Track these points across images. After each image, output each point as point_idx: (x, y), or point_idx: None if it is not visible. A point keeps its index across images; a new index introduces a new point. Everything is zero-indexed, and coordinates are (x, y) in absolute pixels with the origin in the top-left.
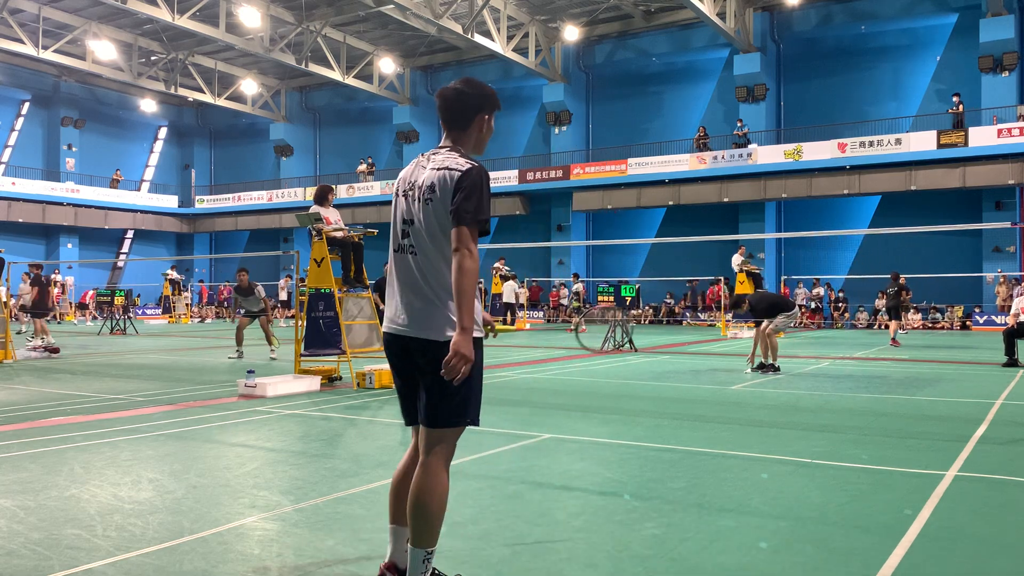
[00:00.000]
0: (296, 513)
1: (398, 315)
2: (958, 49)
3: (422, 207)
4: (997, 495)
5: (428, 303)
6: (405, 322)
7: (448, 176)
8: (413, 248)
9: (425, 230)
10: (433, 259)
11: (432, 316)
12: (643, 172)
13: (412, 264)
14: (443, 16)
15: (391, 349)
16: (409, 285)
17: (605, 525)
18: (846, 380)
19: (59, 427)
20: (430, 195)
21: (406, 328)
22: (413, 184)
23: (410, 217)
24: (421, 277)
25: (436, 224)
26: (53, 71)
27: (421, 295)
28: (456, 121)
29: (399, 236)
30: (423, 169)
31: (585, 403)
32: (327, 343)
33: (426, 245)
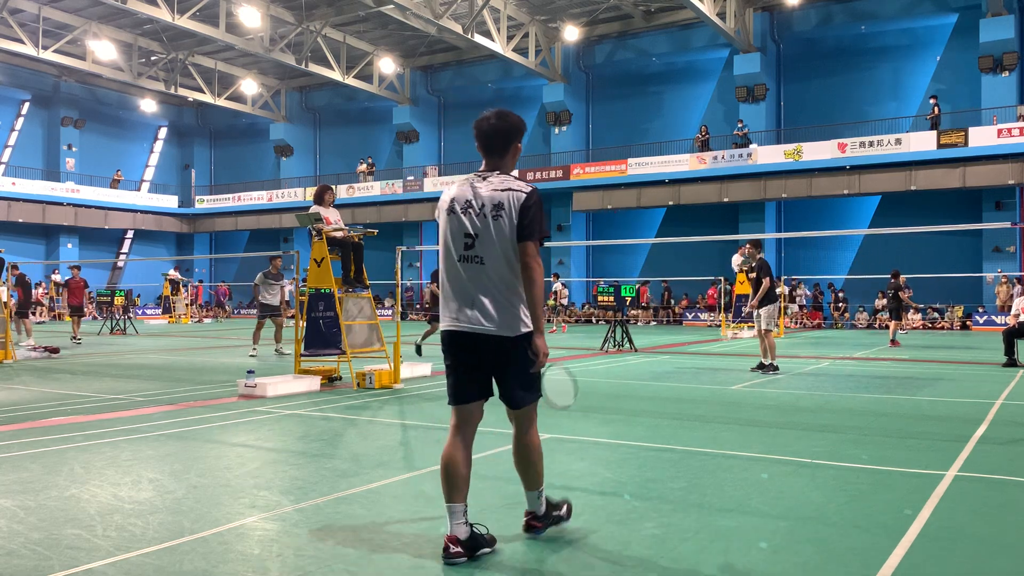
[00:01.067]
0: (296, 513)
1: (470, 315)
2: (958, 49)
3: (492, 222)
4: (997, 495)
5: (499, 305)
6: (479, 321)
7: (514, 196)
8: (479, 258)
9: (497, 242)
10: (500, 267)
11: (505, 316)
12: (643, 172)
13: (481, 272)
14: (443, 16)
15: (459, 343)
16: (480, 290)
17: (605, 525)
18: (846, 380)
19: (59, 427)
20: (498, 212)
21: (481, 327)
22: (470, 203)
23: (475, 231)
24: (491, 283)
25: (505, 237)
26: (53, 71)
27: (493, 299)
28: (496, 149)
29: (462, 248)
30: (479, 190)
31: (585, 403)
32: (327, 343)
33: (495, 255)
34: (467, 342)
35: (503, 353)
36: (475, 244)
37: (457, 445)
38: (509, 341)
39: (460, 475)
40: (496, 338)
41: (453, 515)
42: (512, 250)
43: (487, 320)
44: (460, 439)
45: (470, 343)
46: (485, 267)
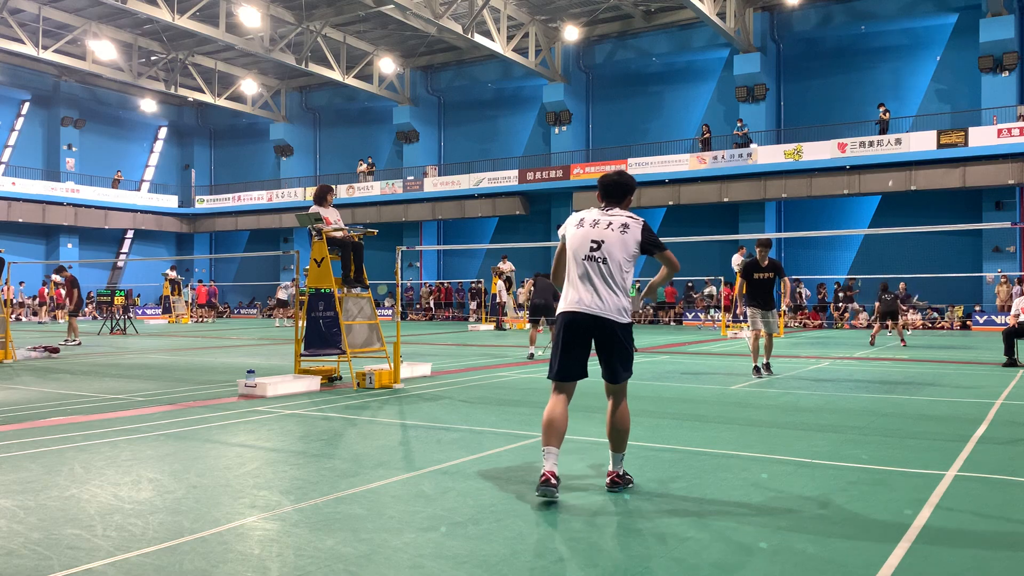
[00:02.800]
0: (296, 513)
1: (591, 302)
2: (958, 49)
3: (618, 234)
4: (997, 495)
5: (615, 297)
6: (601, 307)
7: (636, 221)
8: (605, 259)
9: (617, 249)
10: (616, 268)
11: (618, 305)
12: (643, 172)
13: (602, 270)
14: (443, 16)
15: (582, 325)
16: (603, 283)
17: (605, 526)
18: (846, 380)
19: (59, 427)
20: (625, 229)
21: (600, 311)
22: (598, 221)
23: (600, 239)
24: (611, 278)
25: (625, 246)
26: (53, 71)
27: (611, 290)
28: (619, 198)
29: (588, 250)
30: (607, 216)
31: (585, 403)
32: (327, 343)
33: (616, 257)
34: (588, 323)
35: (614, 336)
36: (600, 248)
37: (559, 405)
38: (619, 326)
39: (560, 426)
40: (613, 322)
41: (549, 456)
42: (626, 258)
43: (607, 307)
44: (562, 402)
45: (589, 323)
46: (607, 266)
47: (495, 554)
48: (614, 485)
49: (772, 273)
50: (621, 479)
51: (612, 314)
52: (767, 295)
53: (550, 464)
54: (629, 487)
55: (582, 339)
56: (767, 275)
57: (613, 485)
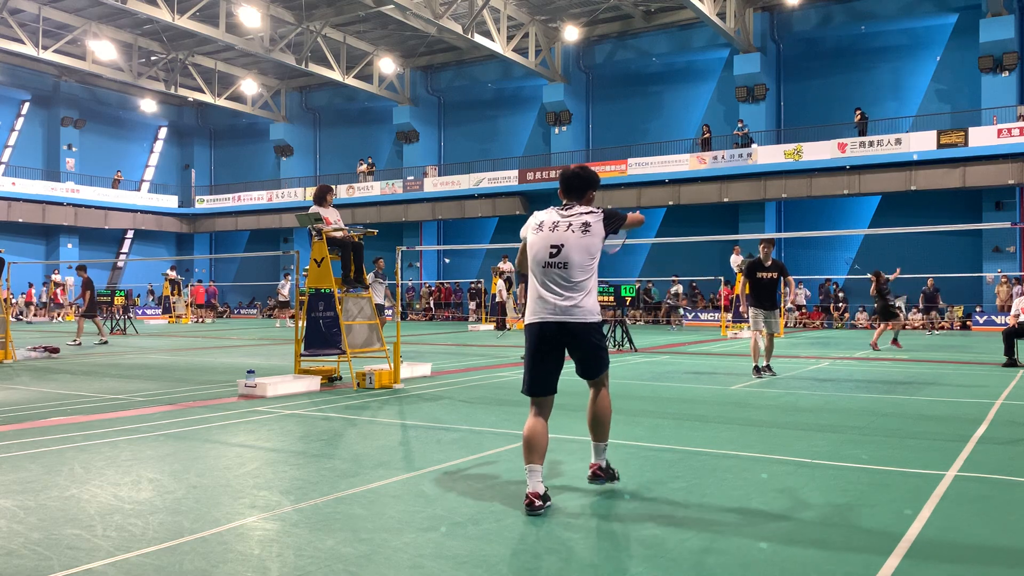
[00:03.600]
0: (296, 513)
1: (556, 310)
2: (958, 49)
3: (578, 236)
4: (997, 495)
5: (580, 299)
6: (566, 313)
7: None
8: (565, 263)
9: (577, 252)
10: (578, 271)
11: (583, 307)
12: (643, 172)
13: (563, 275)
14: (443, 16)
15: (549, 333)
16: (566, 288)
17: (605, 526)
18: (846, 380)
19: (59, 427)
20: (586, 229)
21: (566, 317)
22: (557, 223)
23: (560, 243)
24: (573, 281)
25: (586, 249)
26: (53, 71)
27: (574, 294)
28: (580, 192)
29: (548, 256)
30: (566, 217)
31: (584, 403)
32: (327, 343)
33: (576, 260)
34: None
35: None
36: (560, 252)
37: (539, 423)
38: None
39: (541, 444)
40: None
41: (533, 475)
42: (589, 260)
43: (574, 312)
44: (540, 417)
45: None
46: (566, 271)
47: (495, 554)
48: (596, 477)
49: (775, 273)
50: (604, 472)
51: (578, 317)
52: (771, 295)
53: (534, 484)
54: (614, 482)
55: (553, 349)
56: (770, 275)
57: (595, 477)
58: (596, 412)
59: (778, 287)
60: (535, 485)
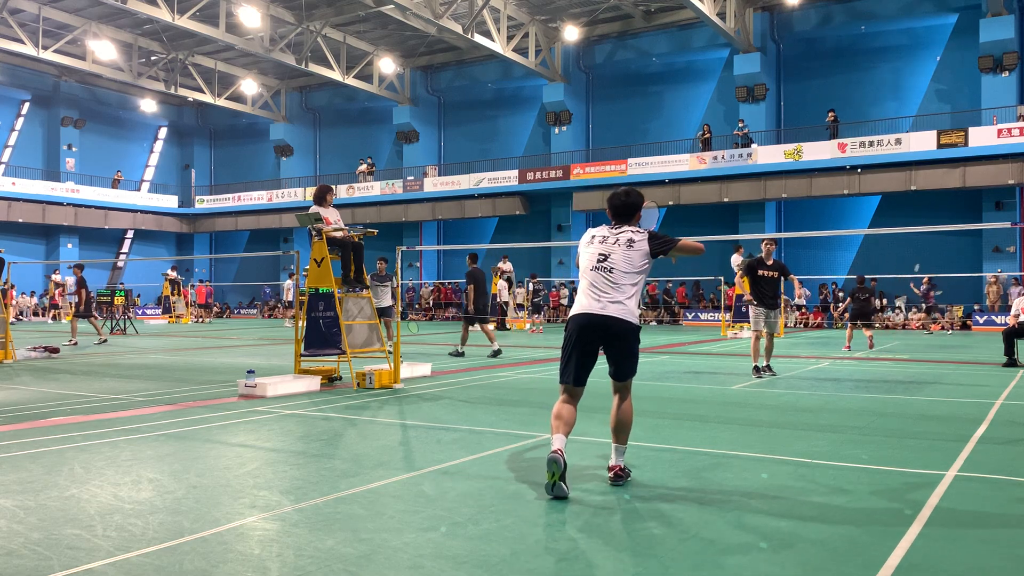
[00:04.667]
0: (296, 513)
1: (599, 306)
2: (958, 49)
3: (624, 248)
4: (997, 495)
5: (622, 301)
6: (608, 310)
7: (641, 234)
8: (611, 268)
9: (621, 260)
10: (621, 276)
11: (625, 309)
12: (643, 172)
13: (609, 277)
14: (443, 16)
15: (591, 327)
16: (610, 288)
17: (605, 525)
18: (846, 380)
19: (59, 427)
20: (631, 244)
21: (608, 312)
22: (607, 237)
23: (607, 252)
24: (617, 284)
25: (630, 259)
26: (53, 71)
27: (618, 295)
28: (628, 216)
29: (596, 261)
30: (615, 233)
31: (585, 403)
32: (327, 343)
33: (621, 267)
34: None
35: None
36: (607, 259)
37: (567, 406)
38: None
39: (569, 419)
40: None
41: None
42: (634, 269)
43: (615, 311)
44: (570, 403)
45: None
46: (613, 275)
47: (495, 554)
48: (617, 479)
49: (776, 272)
50: (623, 472)
51: (619, 315)
52: (773, 294)
53: (557, 443)
54: (628, 480)
55: (592, 342)
56: (772, 274)
57: (616, 479)
58: (620, 417)
59: (779, 287)
60: (559, 444)
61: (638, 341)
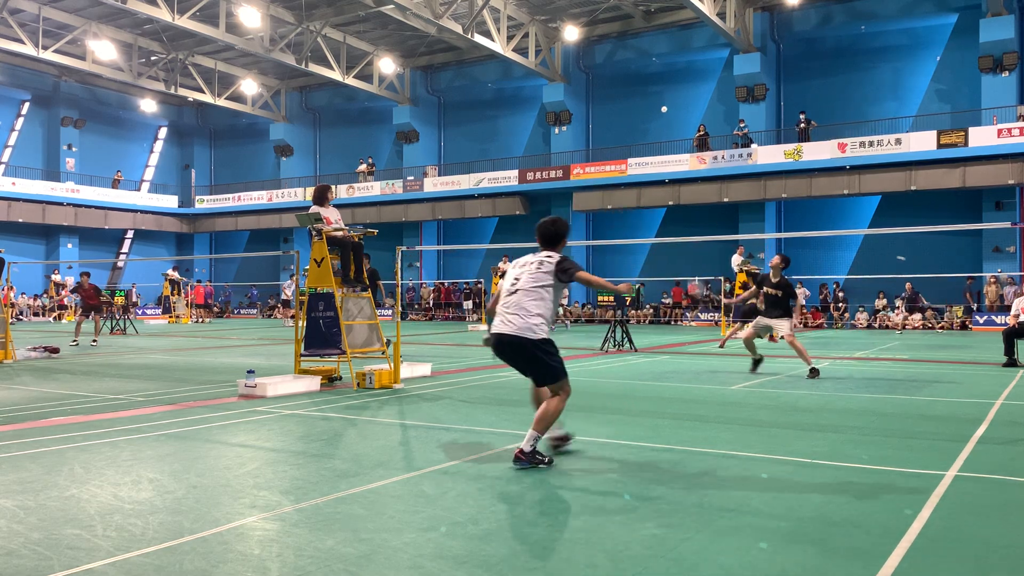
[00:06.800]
0: (296, 513)
1: (505, 327)
2: (958, 49)
3: (533, 269)
4: (997, 495)
5: (526, 319)
6: (511, 329)
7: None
8: (518, 290)
9: (529, 280)
10: (525, 296)
11: (527, 325)
12: (643, 172)
13: (516, 299)
14: (443, 16)
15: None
16: (516, 309)
17: (605, 525)
18: (846, 380)
19: (59, 427)
20: (540, 265)
21: (510, 331)
22: (527, 262)
23: (520, 275)
24: (522, 306)
25: (536, 278)
26: (53, 71)
27: (521, 315)
28: (553, 243)
29: (510, 285)
30: (535, 257)
31: (585, 403)
32: (327, 343)
33: (527, 287)
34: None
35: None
36: (519, 281)
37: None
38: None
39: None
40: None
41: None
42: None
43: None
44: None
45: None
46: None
47: (495, 554)
48: (517, 459)
49: (781, 292)
50: (525, 455)
51: (520, 333)
52: (775, 307)
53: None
54: (539, 466)
55: (506, 356)
56: (776, 292)
57: (516, 459)
58: (544, 409)
59: (782, 303)
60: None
61: (545, 352)
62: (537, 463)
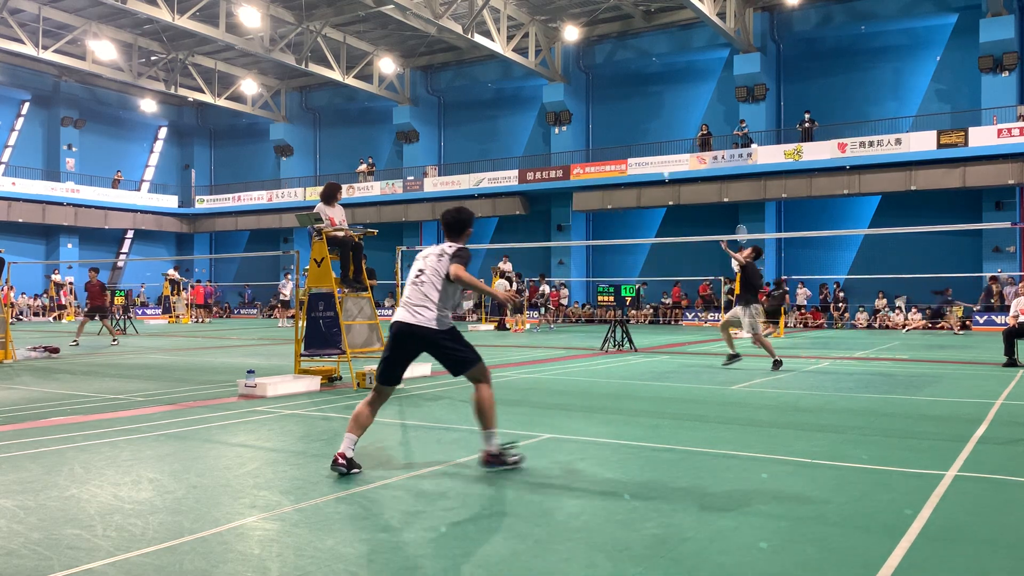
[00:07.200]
0: (296, 513)
1: (410, 317)
2: (958, 49)
3: (435, 260)
4: (997, 495)
5: (430, 311)
6: (416, 320)
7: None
8: (423, 281)
9: (431, 272)
10: (430, 288)
11: (431, 317)
12: (643, 172)
13: (419, 290)
14: (443, 16)
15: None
16: (420, 300)
17: (605, 525)
18: (846, 380)
19: (59, 427)
20: (441, 256)
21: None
22: (429, 253)
23: (423, 268)
24: (426, 296)
25: (437, 271)
26: (53, 71)
27: (426, 306)
28: (457, 232)
29: (414, 276)
30: (438, 247)
31: (585, 403)
32: (327, 343)
33: (430, 279)
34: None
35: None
36: (422, 272)
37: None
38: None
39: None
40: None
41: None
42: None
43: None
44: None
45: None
46: (423, 287)
47: (495, 554)
48: (486, 463)
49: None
50: (495, 457)
51: (426, 323)
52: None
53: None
54: (510, 466)
55: (406, 348)
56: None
57: (485, 462)
58: (475, 405)
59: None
60: (344, 448)
61: (453, 339)
62: (504, 463)
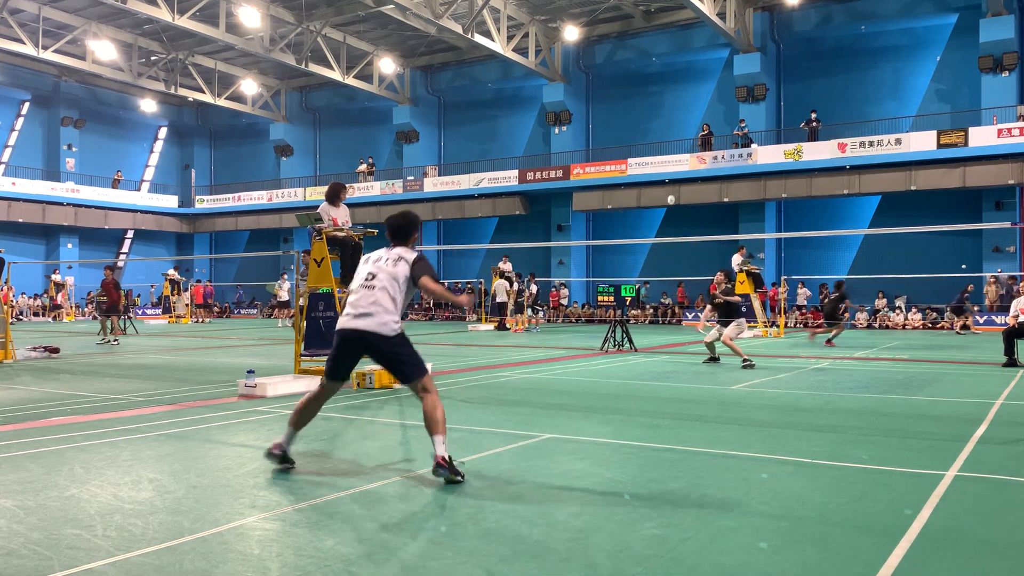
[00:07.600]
0: (296, 513)
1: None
2: (958, 49)
3: (390, 266)
4: (997, 495)
5: (379, 316)
6: (364, 325)
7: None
8: (374, 287)
9: (386, 278)
10: (382, 294)
11: (380, 322)
12: (643, 172)
13: (370, 295)
14: (443, 16)
15: (349, 339)
16: (369, 305)
17: (605, 525)
18: (846, 380)
19: (59, 427)
20: (397, 261)
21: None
22: (381, 257)
23: (375, 272)
24: (376, 302)
25: (393, 276)
26: (53, 71)
27: (376, 311)
28: (403, 237)
29: (363, 280)
30: (388, 253)
31: (585, 403)
32: (327, 343)
33: (384, 284)
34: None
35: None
36: (375, 277)
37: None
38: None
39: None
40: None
41: (290, 438)
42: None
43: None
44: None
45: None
46: (376, 292)
47: (496, 554)
48: (438, 468)
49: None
50: (446, 463)
51: (374, 328)
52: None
53: (282, 438)
54: (456, 476)
55: (352, 352)
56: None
57: (437, 468)
58: (424, 415)
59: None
60: (284, 439)
61: (402, 345)
62: (455, 472)
